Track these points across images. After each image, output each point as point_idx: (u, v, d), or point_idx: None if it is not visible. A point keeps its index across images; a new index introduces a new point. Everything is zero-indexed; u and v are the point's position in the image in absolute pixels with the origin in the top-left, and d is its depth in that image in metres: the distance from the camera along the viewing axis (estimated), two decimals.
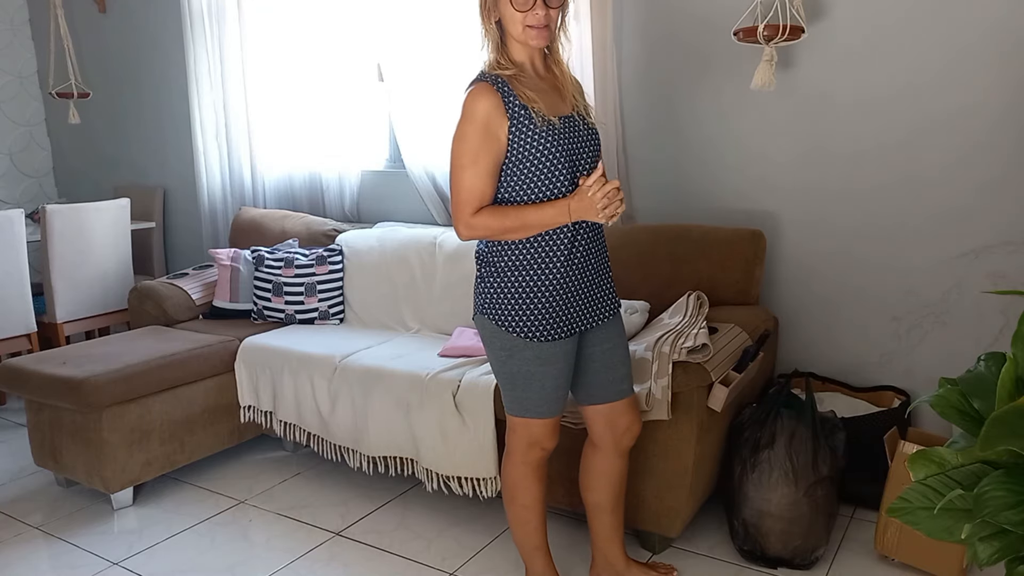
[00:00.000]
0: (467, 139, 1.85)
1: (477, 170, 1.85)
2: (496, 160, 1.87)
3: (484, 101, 1.84)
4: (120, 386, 2.72)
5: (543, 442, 2.02)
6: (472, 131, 1.84)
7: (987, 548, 1.38)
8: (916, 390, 2.70)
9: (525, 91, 1.86)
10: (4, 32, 4.92)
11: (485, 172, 1.86)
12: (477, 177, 1.86)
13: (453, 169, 1.88)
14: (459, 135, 1.87)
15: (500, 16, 1.87)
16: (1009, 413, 1.33)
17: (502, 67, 1.89)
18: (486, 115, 1.84)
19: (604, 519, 2.17)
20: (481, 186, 1.86)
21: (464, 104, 1.87)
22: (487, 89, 1.85)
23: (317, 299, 3.33)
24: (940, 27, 2.51)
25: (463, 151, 1.86)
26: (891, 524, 2.23)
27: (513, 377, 1.96)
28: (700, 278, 2.74)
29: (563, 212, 1.85)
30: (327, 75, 3.68)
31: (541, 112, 1.85)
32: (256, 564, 2.46)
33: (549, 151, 1.86)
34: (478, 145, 1.85)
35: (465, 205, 1.87)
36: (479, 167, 1.85)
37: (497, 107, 1.84)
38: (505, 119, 1.85)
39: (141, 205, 4.58)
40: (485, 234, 1.90)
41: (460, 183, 1.87)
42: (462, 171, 1.86)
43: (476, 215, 1.87)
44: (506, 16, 1.85)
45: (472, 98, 1.86)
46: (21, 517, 2.81)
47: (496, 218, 1.87)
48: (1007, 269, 2.53)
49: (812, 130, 2.77)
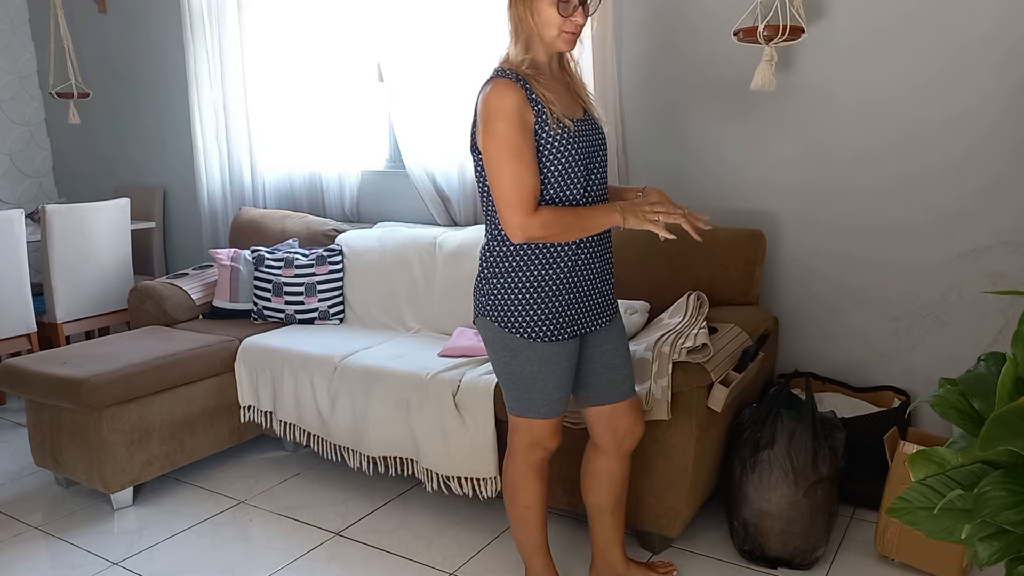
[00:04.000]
0: (504, 135, 1.77)
1: (524, 164, 1.77)
2: (535, 154, 1.80)
3: (512, 94, 1.78)
4: (120, 386, 2.72)
5: (545, 442, 2.02)
6: (507, 126, 1.76)
7: (987, 548, 1.38)
8: (916, 390, 2.71)
9: (544, 92, 1.82)
10: (4, 32, 4.92)
11: (532, 164, 1.78)
12: (527, 172, 1.77)
13: (494, 170, 1.79)
14: (493, 133, 1.78)
15: (534, 15, 1.80)
16: (1009, 413, 1.33)
17: (525, 65, 1.83)
18: (518, 107, 1.77)
19: (605, 521, 2.16)
20: (532, 180, 1.78)
21: (488, 101, 1.80)
22: (511, 84, 1.79)
23: (317, 299, 3.33)
24: (940, 28, 2.51)
25: (502, 148, 1.77)
26: (891, 524, 2.23)
27: (516, 377, 1.96)
28: (700, 278, 2.74)
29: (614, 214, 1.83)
30: (327, 75, 3.68)
31: (558, 114, 1.82)
32: (256, 564, 2.46)
33: (566, 153, 1.83)
34: (519, 139, 1.77)
35: (521, 203, 1.77)
36: (525, 160, 1.77)
37: (525, 102, 1.79)
38: (533, 115, 1.79)
39: (141, 205, 4.58)
40: (544, 234, 1.81)
41: (509, 181, 1.77)
42: (508, 168, 1.77)
43: (536, 213, 1.78)
44: (543, 19, 1.79)
45: (498, 94, 1.79)
46: (21, 517, 2.81)
47: (558, 216, 1.80)
48: (1007, 269, 2.53)
49: (812, 130, 2.77)
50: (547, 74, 1.88)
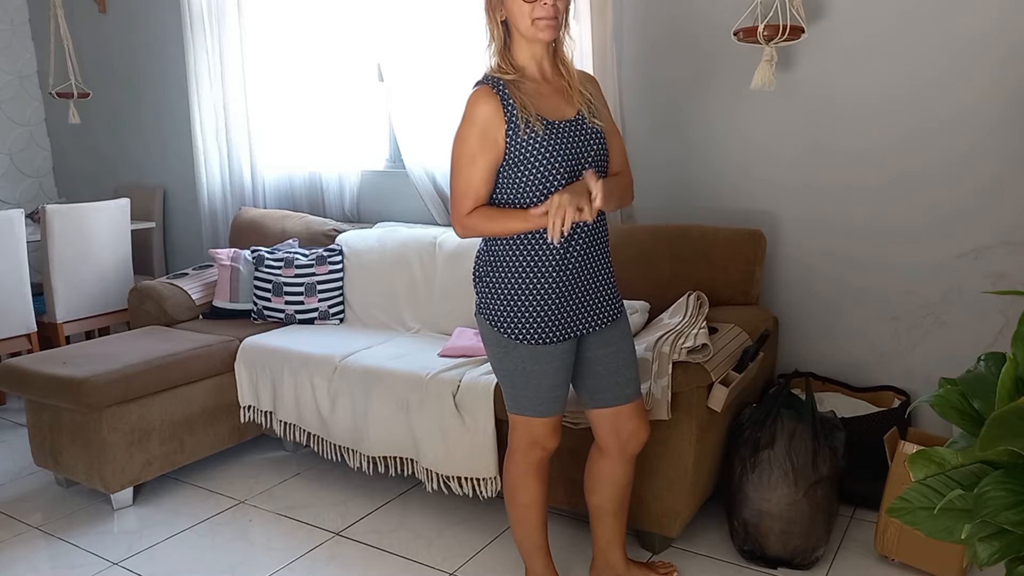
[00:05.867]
0: (466, 141, 1.88)
1: (473, 171, 1.88)
2: (493, 162, 1.89)
3: (484, 105, 1.86)
4: (120, 386, 2.72)
5: (544, 441, 2.02)
6: (471, 134, 1.87)
7: (987, 548, 1.38)
8: (916, 390, 2.70)
9: (522, 97, 1.87)
10: (4, 32, 4.92)
11: (481, 173, 1.89)
12: (473, 178, 1.89)
13: (452, 169, 1.92)
14: (459, 136, 1.90)
15: (507, 14, 1.86)
16: (1009, 413, 1.33)
17: (503, 71, 1.90)
18: (485, 118, 1.86)
19: (607, 522, 2.16)
20: (476, 186, 1.89)
21: (466, 106, 1.90)
22: (487, 92, 1.87)
23: (317, 299, 3.33)
24: (939, 28, 2.51)
25: (462, 152, 1.89)
26: (891, 524, 2.23)
27: (511, 375, 1.97)
28: (700, 278, 2.74)
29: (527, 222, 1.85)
30: (327, 75, 3.68)
31: (536, 118, 1.86)
32: (256, 564, 2.46)
33: (545, 157, 1.85)
34: (476, 147, 1.87)
35: (460, 204, 1.91)
36: (475, 168, 1.88)
37: (496, 111, 1.86)
38: (503, 123, 1.86)
39: (141, 205, 4.58)
40: (476, 233, 1.93)
41: (457, 183, 1.91)
42: (460, 171, 1.90)
43: (470, 215, 1.90)
44: (513, 11, 1.84)
45: (473, 101, 1.89)
46: (21, 517, 2.81)
47: (484, 219, 1.90)
48: (1007, 269, 2.53)
49: (812, 130, 2.77)
50: (534, 75, 1.92)
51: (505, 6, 1.85)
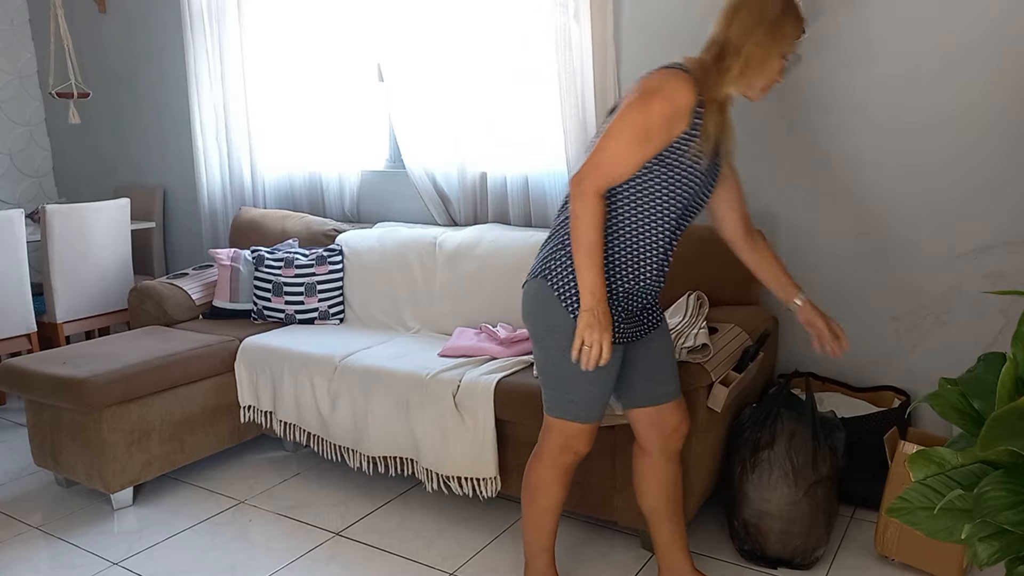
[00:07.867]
0: (651, 114, 1.71)
1: (638, 149, 1.72)
2: (659, 150, 1.75)
3: (689, 94, 1.72)
4: (120, 386, 2.72)
5: (577, 446, 1.97)
6: (660, 111, 1.70)
7: (987, 548, 1.38)
8: (916, 390, 2.70)
9: (707, 124, 1.76)
10: (4, 32, 4.92)
11: (643, 155, 1.73)
12: (633, 155, 1.73)
13: (614, 132, 1.73)
14: (644, 105, 1.71)
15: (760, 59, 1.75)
16: (1009, 413, 1.33)
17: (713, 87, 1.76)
18: (681, 107, 1.71)
19: (663, 527, 2.11)
20: (632, 164, 1.73)
21: (664, 78, 1.74)
22: (694, 87, 1.73)
23: (317, 299, 3.33)
24: (939, 27, 2.50)
25: (638, 122, 1.71)
26: (891, 524, 2.23)
27: (563, 377, 1.91)
28: (700, 278, 2.74)
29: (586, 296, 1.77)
30: (327, 75, 3.68)
31: (704, 147, 1.77)
32: (256, 564, 2.46)
33: (683, 185, 1.80)
34: (658, 126, 1.71)
35: (599, 173, 1.74)
36: (643, 148, 1.72)
37: (691, 108, 1.73)
38: (688, 125, 1.74)
39: (141, 205, 4.58)
40: (575, 217, 1.76)
41: (613, 150, 1.73)
42: (623, 140, 1.72)
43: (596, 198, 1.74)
44: (767, 66, 1.76)
45: (679, 83, 1.72)
46: (21, 517, 2.81)
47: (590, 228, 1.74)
48: (1007, 269, 2.53)
49: (811, 130, 2.77)
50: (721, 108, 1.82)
51: (770, 52, 1.75)
